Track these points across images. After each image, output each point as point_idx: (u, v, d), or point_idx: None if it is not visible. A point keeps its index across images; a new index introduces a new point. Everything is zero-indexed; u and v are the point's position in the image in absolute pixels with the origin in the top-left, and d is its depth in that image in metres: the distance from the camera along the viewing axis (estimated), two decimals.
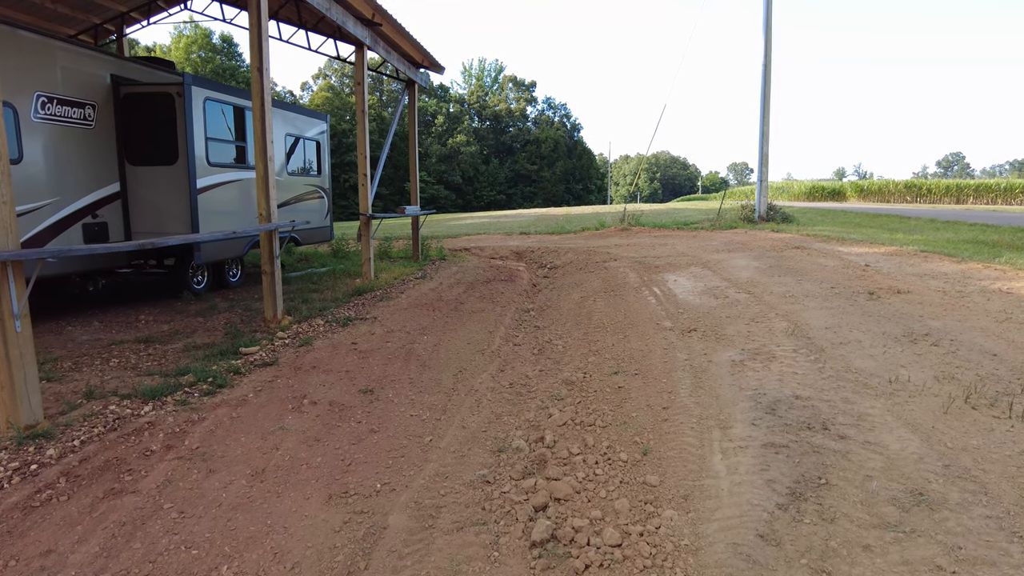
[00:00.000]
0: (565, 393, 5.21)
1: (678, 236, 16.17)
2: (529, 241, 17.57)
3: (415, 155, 13.24)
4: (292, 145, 10.46)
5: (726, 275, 9.73)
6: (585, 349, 6.58)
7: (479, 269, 12.75)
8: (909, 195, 47.17)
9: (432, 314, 8.27)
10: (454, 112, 79.26)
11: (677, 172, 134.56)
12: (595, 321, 7.77)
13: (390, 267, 12.01)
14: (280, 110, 10.11)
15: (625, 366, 5.73)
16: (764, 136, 17.76)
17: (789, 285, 8.52)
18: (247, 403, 4.82)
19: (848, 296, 7.57)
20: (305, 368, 5.73)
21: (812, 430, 3.90)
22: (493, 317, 8.35)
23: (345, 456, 4.06)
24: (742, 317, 6.97)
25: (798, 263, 10.27)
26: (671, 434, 4.11)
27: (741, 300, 7.84)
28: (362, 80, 9.93)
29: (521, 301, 9.80)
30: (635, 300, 8.64)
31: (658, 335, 6.62)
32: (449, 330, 7.47)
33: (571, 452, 4.09)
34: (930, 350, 5.34)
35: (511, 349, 6.85)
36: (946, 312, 6.55)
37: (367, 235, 10.18)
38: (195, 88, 7.69)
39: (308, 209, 11.00)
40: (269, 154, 6.95)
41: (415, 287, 10.16)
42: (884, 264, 9.73)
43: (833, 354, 5.39)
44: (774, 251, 11.80)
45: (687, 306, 7.82)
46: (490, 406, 5.04)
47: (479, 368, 6.09)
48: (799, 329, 6.23)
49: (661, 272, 10.63)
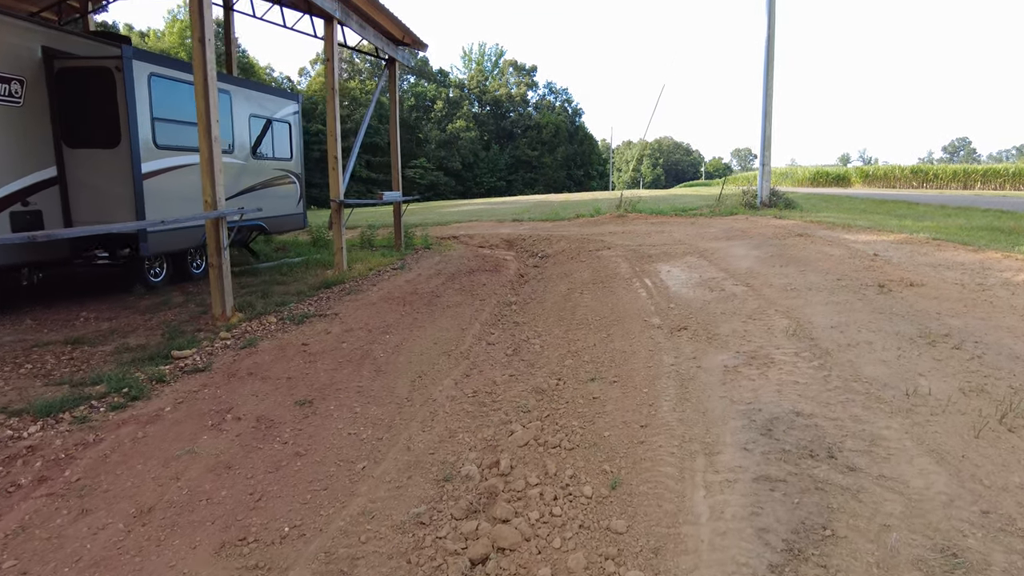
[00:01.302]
0: (533, 404, 4.55)
1: (676, 223, 15.43)
2: (521, 229, 16.84)
3: (396, 139, 12.51)
4: (258, 127, 9.73)
5: (724, 265, 9.03)
6: (564, 350, 5.91)
7: (464, 259, 12.06)
8: (915, 180, 46.19)
9: (402, 309, 7.60)
10: (454, 97, 78.18)
11: (680, 158, 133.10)
12: (579, 317, 7.10)
13: (368, 257, 11.33)
14: (245, 89, 9.38)
15: (604, 371, 5.06)
16: (767, 117, 16.96)
17: (791, 276, 7.82)
18: (160, 419, 4.16)
19: (856, 289, 6.86)
20: (241, 375, 5.06)
21: (815, 458, 3.23)
22: (469, 312, 7.68)
23: (256, 488, 3.41)
24: (738, 313, 6.28)
25: (801, 252, 9.55)
26: (647, 461, 3.44)
27: (738, 293, 7.14)
28: (331, 56, 9.18)
29: (504, 293, 9.12)
30: (624, 293, 7.96)
31: (645, 334, 5.94)
32: (417, 328, 6.80)
33: (528, 482, 3.42)
34: (952, 355, 4.65)
35: (483, 349, 6.18)
36: (967, 309, 5.85)
37: (338, 223, 9.49)
38: (137, 62, 6.95)
39: (277, 195, 10.29)
40: (214, 134, 6.26)
41: (390, 279, 9.48)
42: (894, 253, 9.01)
43: (840, 359, 4.71)
44: (776, 239, 11.08)
45: (679, 300, 7.13)
46: (445, 420, 4.37)
47: (442, 373, 5.43)
48: (801, 328, 5.54)
49: (655, 262, 9.93)
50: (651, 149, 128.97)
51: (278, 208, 10.32)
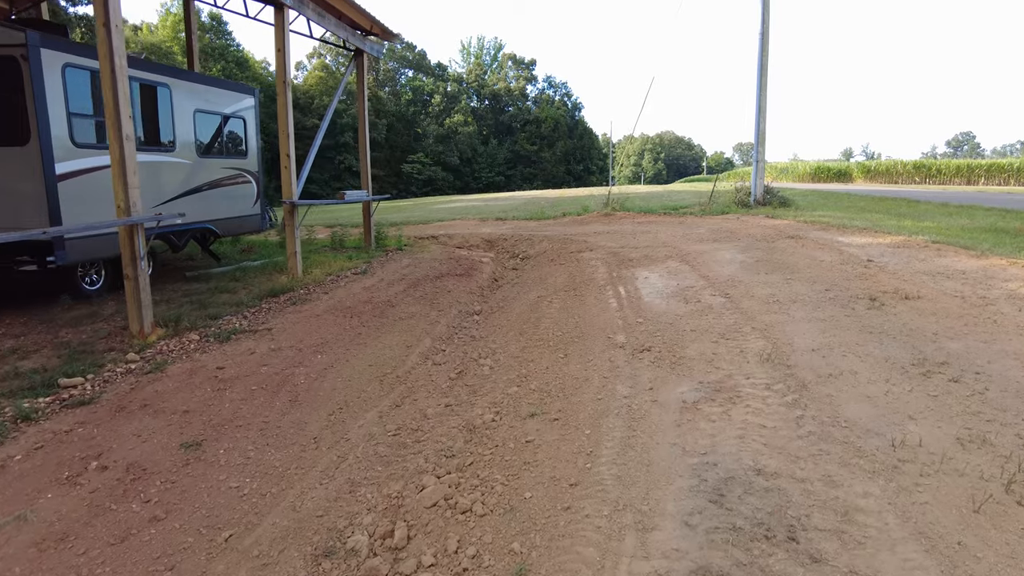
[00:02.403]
0: (460, 447, 3.90)
1: (663, 223, 14.73)
2: (503, 228, 16.16)
3: (365, 136, 11.81)
4: (206, 123, 9.04)
5: (705, 271, 8.35)
6: (514, 373, 5.25)
7: (436, 261, 11.39)
8: (918, 176, 45.23)
9: (347, 322, 6.94)
10: (452, 91, 77.32)
11: (682, 152, 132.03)
12: (542, 331, 6.45)
13: (332, 259, 10.66)
14: (188, 83, 8.66)
15: (549, 404, 4.40)
16: (761, 112, 16.22)
17: (775, 286, 7.14)
18: (4, 471, 3.51)
19: (844, 302, 6.18)
20: (131, 408, 4.41)
21: (772, 541, 2.56)
22: (423, 325, 7.02)
23: (83, 571, 2.76)
24: (711, 331, 5.61)
25: (790, 256, 8.86)
26: (566, 538, 2.78)
27: (715, 306, 6.47)
28: (282, 47, 8.50)
29: (469, 301, 8.47)
30: (595, 303, 7.30)
31: (604, 355, 5.28)
32: (357, 345, 6.14)
33: (420, 563, 2.77)
34: (949, 389, 3.97)
35: (425, 371, 5.53)
36: (967, 328, 5.17)
37: (291, 226, 8.82)
38: (46, 51, 6.26)
39: (230, 195, 9.59)
40: (126, 132, 5.59)
41: (347, 285, 8.81)
42: (890, 259, 8.32)
43: (817, 393, 4.04)
44: (764, 241, 10.39)
45: (650, 313, 6.46)
46: (351, 469, 3.72)
47: (368, 403, 4.77)
48: (778, 351, 4.87)
49: (634, 267, 9.26)
50: (653, 144, 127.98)
51: (231, 209, 9.64)
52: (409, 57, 77.54)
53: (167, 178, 8.19)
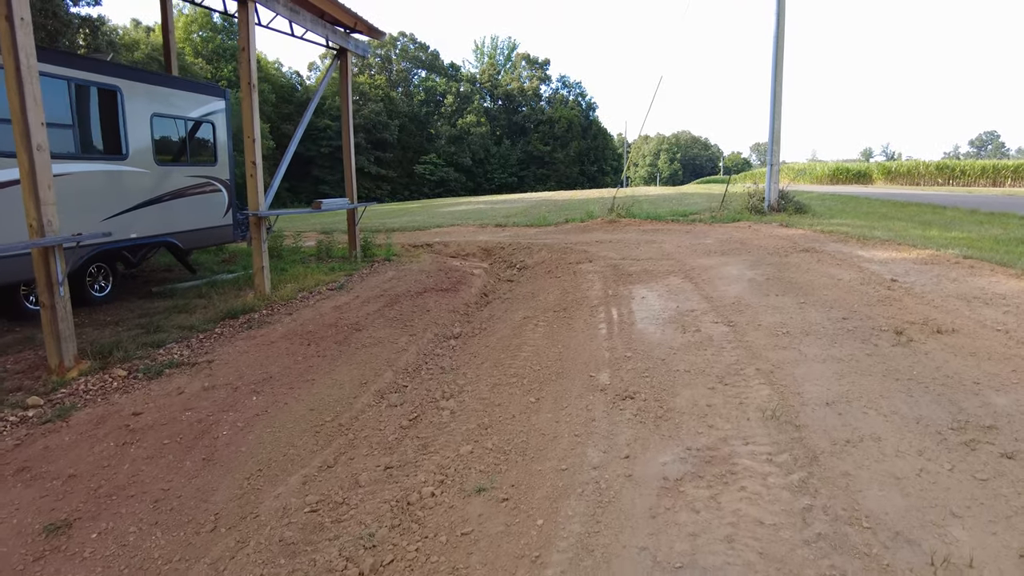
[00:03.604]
0: (383, 535, 3.15)
1: (670, 231, 13.87)
2: (502, 235, 15.40)
3: (350, 141, 11.09)
4: (166, 128, 8.36)
5: (708, 291, 7.53)
6: (474, 422, 4.50)
7: (424, 273, 10.67)
8: (941, 177, 43.72)
9: (303, 351, 6.22)
10: (464, 91, 76.68)
11: (698, 152, 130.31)
12: (519, 362, 5.71)
13: (310, 272, 9.97)
14: (144, 84, 7.96)
15: (503, 474, 3.64)
16: (775, 114, 15.29)
17: (786, 311, 6.31)
18: None
19: (865, 336, 5.34)
20: (3, 475, 3.71)
21: None
22: (389, 354, 6.29)
23: None
24: (708, 372, 4.80)
25: (804, 274, 8.00)
26: None
27: (715, 337, 5.66)
28: (247, 45, 7.80)
29: (450, 322, 7.73)
30: (583, 328, 6.54)
31: (581, 401, 4.51)
32: (304, 381, 5.41)
33: None
34: (1002, 469, 3.14)
35: (375, 416, 4.79)
36: (1017, 375, 4.31)
37: (258, 239, 8.12)
38: None
39: (196, 206, 8.89)
40: (36, 141, 4.91)
41: (317, 304, 8.10)
42: (916, 278, 7.43)
43: (831, 470, 3.23)
44: (777, 255, 9.52)
45: (641, 345, 5.67)
46: (245, 565, 2.98)
47: (297, 461, 4.04)
48: (785, 405, 4.05)
49: (632, 283, 8.47)
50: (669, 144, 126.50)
51: (198, 220, 8.96)
52: (422, 57, 77.17)
53: (117, 189, 7.51)
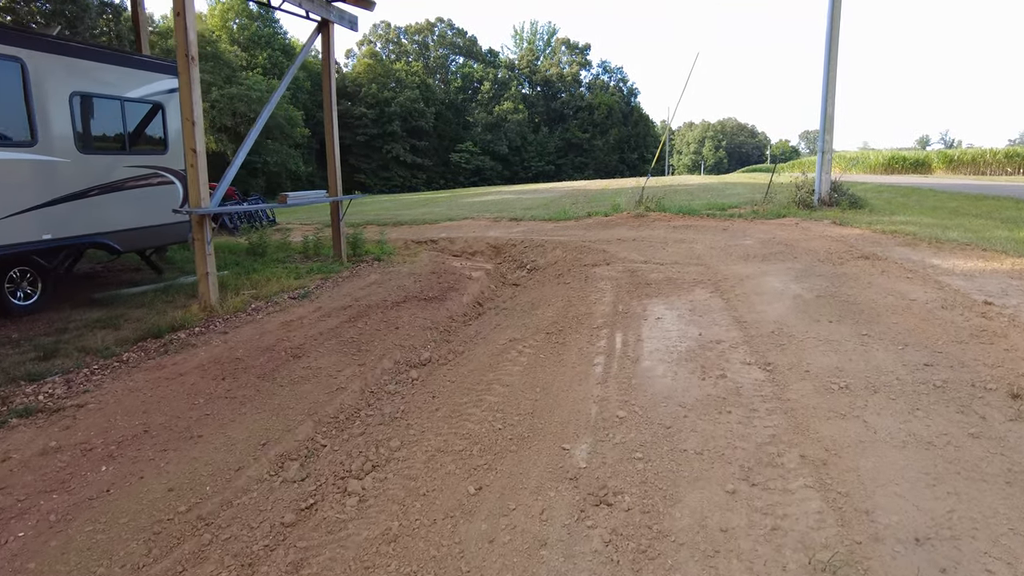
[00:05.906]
0: None
1: (703, 228, 12.15)
2: (516, 231, 13.92)
3: (333, 126, 9.74)
4: (96, 109, 7.09)
5: (742, 312, 5.95)
6: (382, 526, 3.13)
7: (413, 276, 9.30)
8: (1010, 166, 40.00)
9: (212, 388, 4.90)
10: (502, 78, 74.96)
11: (744, 140, 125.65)
12: (481, 412, 4.34)
13: (278, 276, 8.69)
14: (62, 57, 6.52)
15: None
16: (828, 98, 13.33)
17: (844, 349, 4.70)
18: None
19: (964, 400, 3.72)
20: None
21: None
22: (321, 394, 4.93)
23: None
24: (729, 458, 3.28)
25: (865, 291, 6.33)
26: None
27: (745, 390, 4.12)
28: (182, 10, 6.48)
29: (422, 343, 6.35)
30: (574, 363, 5.08)
31: (537, 500, 3.08)
32: (186, 439, 4.08)
33: None
34: None
35: (255, 502, 3.44)
36: None
37: (201, 241, 6.85)
38: None
39: (139, 200, 7.62)
40: None
41: (264, 319, 6.80)
42: (1019, 299, 5.70)
43: None
44: (830, 263, 7.80)
45: (642, 397, 4.18)
46: None
47: None
48: (848, 540, 2.52)
49: (649, 296, 6.95)
50: (714, 131, 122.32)
51: (142, 217, 7.71)
52: (460, 43, 75.81)
53: (20, 182, 6.31)
